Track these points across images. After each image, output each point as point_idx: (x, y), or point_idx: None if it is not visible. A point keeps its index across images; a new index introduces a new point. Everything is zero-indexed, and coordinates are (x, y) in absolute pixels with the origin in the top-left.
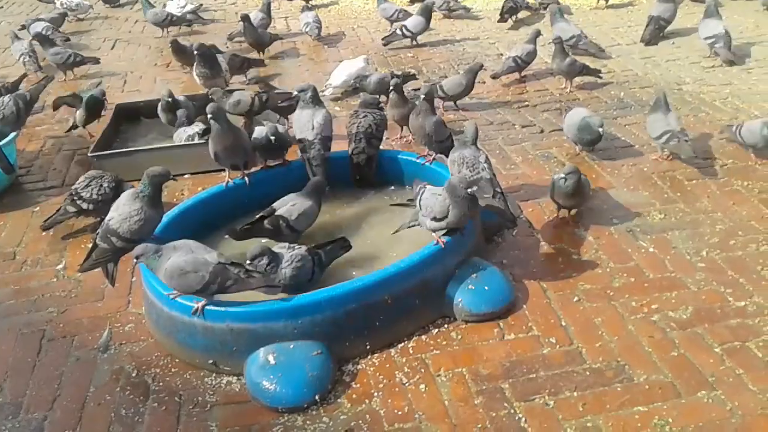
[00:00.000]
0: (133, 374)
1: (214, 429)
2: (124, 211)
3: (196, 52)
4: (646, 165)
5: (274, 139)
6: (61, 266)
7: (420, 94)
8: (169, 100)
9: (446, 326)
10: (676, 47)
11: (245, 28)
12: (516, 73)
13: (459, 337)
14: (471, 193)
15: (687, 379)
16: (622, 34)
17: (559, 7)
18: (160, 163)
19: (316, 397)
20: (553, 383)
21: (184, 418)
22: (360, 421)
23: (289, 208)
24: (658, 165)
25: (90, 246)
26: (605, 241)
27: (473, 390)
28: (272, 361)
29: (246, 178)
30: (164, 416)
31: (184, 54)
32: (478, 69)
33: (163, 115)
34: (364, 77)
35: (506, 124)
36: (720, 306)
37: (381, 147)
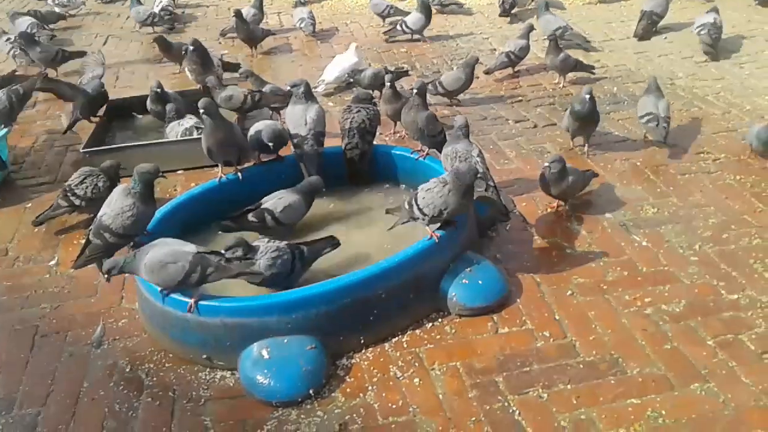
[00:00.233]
0: (127, 369)
1: (208, 424)
2: (116, 207)
3: (190, 47)
4: (639, 159)
5: (272, 144)
6: (53, 262)
7: (416, 91)
8: (158, 90)
9: (440, 320)
10: (669, 42)
11: (237, 24)
12: (509, 68)
13: (453, 331)
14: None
15: (680, 372)
16: (615, 29)
17: (546, 1)
18: (153, 158)
19: (311, 392)
20: (546, 376)
21: (178, 413)
22: (354, 415)
23: (276, 202)
24: (651, 159)
25: (83, 242)
26: (599, 235)
27: (467, 383)
28: (266, 356)
29: (239, 174)
30: (158, 411)
31: (170, 51)
32: (474, 62)
33: (152, 107)
34: (358, 71)
35: (500, 119)
36: (713, 299)
37: (374, 142)
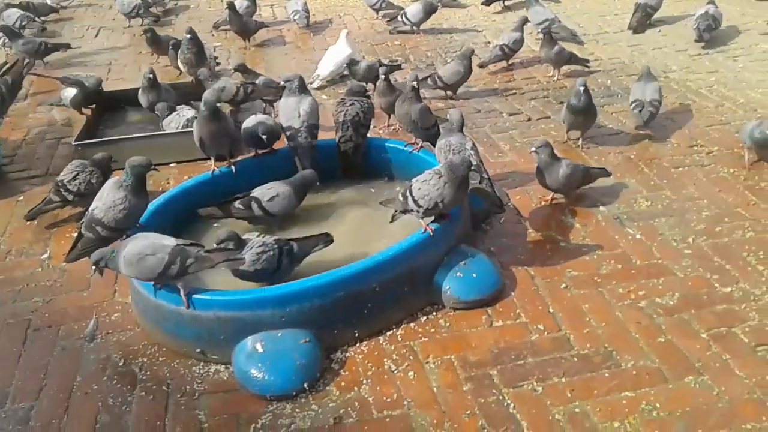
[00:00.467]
0: (120, 363)
1: (202, 418)
2: (108, 201)
3: (187, 36)
4: (633, 152)
5: (266, 138)
6: (46, 256)
7: (410, 82)
8: (151, 77)
9: (435, 314)
10: (663, 35)
11: (230, 16)
12: (503, 62)
13: (447, 324)
14: (467, 173)
15: (674, 365)
16: (609, 21)
17: None
18: (146, 151)
19: (305, 385)
20: (541, 369)
21: (172, 407)
22: (349, 409)
23: (264, 191)
24: (645, 152)
25: (75, 235)
26: (592, 228)
27: (462, 377)
28: (260, 350)
29: (232, 167)
30: (152, 405)
31: (159, 44)
32: (470, 54)
33: (144, 98)
34: (354, 62)
35: (494, 112)
36: (706, 292)
37: (368, 135)
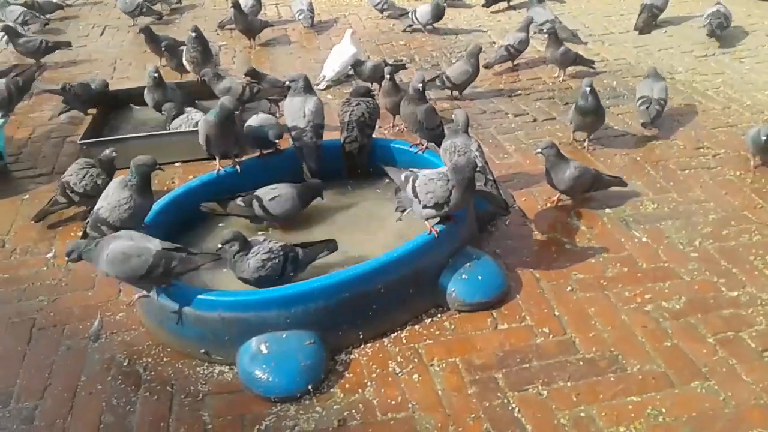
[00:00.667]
0: (125, 363)
1: (206, 419)
2: (113, 200)
3: (192, 34)
4: (639, 154)
5: (278, 143)
6: (51, 255)
7: (416, 84)
8: (156, 75)
9: (439, 316)
10: (669, 36)
11: (235, 15)
12: (509, 62)
13: (452, 326)
14: (472, 175)
15: (680, 369)
16: (615, 22)
17: None
18: (151, 150)
19: (309, 387)
20: (546, 373)
21: (177, 407)
22: (353, 411)
23: (267, 190)
24: (651, 154)
25: (80, 234)
26: (598, 230)
27: (466, 380)
28: (265, 351)
29: (237, 167)
30: (156, 406)
31: (156, 44)
32: (478, 51)
33: (149, 97)
34: (359, 63)
35: (499, 113)
36: (713, 296)
37: (373, 135)
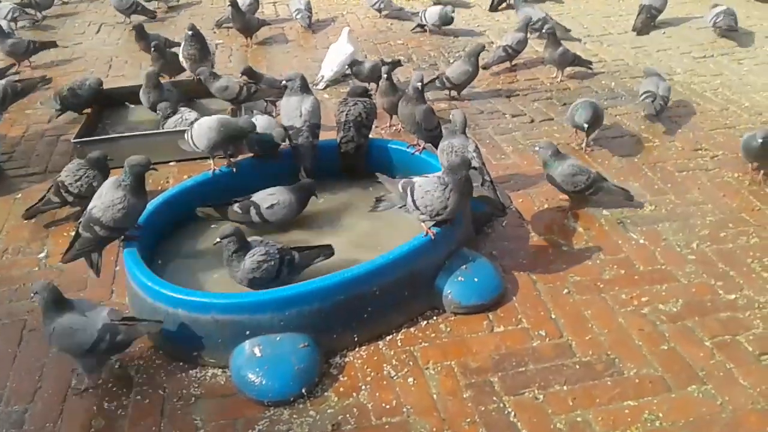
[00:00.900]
0: (116, 366)
1: (198, 423)
2: (106, 200)
3: (189, 32)
4: (636, 156)
5: (286, 143)
6: (43, 255)
7: (415, 83)
8: (153, 75)
9: (435, 318)
10: (667, 37)
11: (233, 13)
12: (506, 62)
13: (448, 329)
14: (468, 174)
15: (677, 373)
16: (614, 23)
17: None
18: (145, 149)
19: (303, 391)
20: (542, 377)
21: (168, 411)
22: (347, 415)
23: (265, 196)
24: (648, 155)
25: (73, 234)
26: (595, 232)
27: (462, 383)
28: (258, 354)
29: (233, 167)
30: (148, 409)
31: (146, 42)
32: (480, 50)
33: (145, 97)
34: (358, 63)
35: (496, 113)
36: (710, 299)
37: (370, 136)
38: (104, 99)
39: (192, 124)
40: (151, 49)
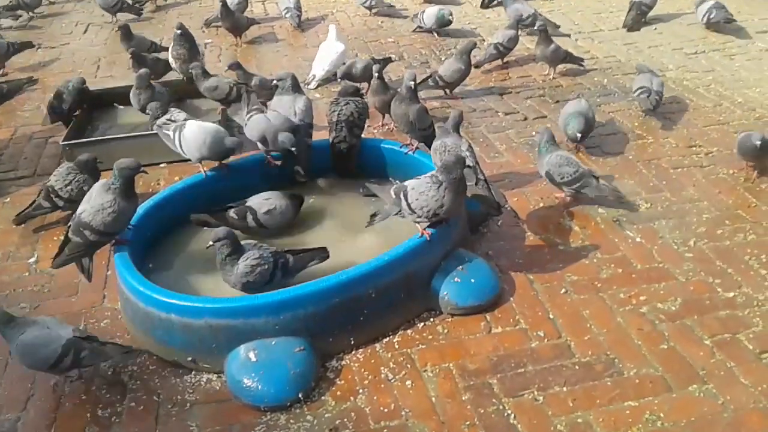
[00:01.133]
0: (109, 373)
1: (194, 429)
2: (95, 204)
3: (178, 31)
4: (631, 153)
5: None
6: (33, 260)
7: (408, 82)
8: (144, 76)
9: (432, 320)
10: (658, 33)
11: (222, 12)
12: (498, 60)
13: (445, 330)
14: (462, 172)
15: (677, 373)
16: (605, 19)
17: None
18: (135, 151)
19: (300, 395)
20: (542, 378)
21: (163, 417)
22: (345, 419)
23: (261, 202)
24: (643, 153)
25: (62, 239)
26: (591, 231)
27: (461, 385)
28: (253, 358)
29: (225, 169)
30: (142, 416)
31: (131, 42)
32: (471, 48)
33: (135, 99)
34: (350, 67)
35: (489, 111)
36: (709, 297)
37: (362, 135)
38: (93, 100)
39: (179, 125)
40: (137, 52)
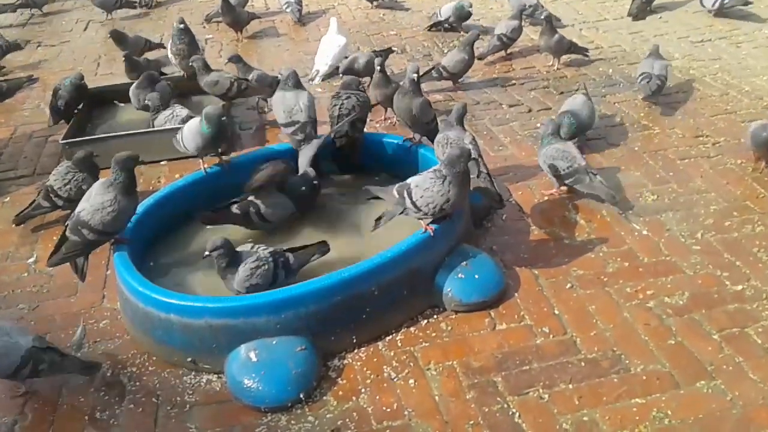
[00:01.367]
0: (108, 374)
1: (193, 430)
2: (95, 202)
3: (180, 26)
4: (636, 144)
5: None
6: (32, 260)
7: (411, 75)
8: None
9: (435, 317)
10: (664, 22)
11: (223, 7)
12: (502, 51)
13: (449, 328)
14: (466, 166)
15: (685, 369)
16: (609, 8)
17: None
18: (136, 149)
19: (301, 395)
20: (547, 375)
21: (163, 419)
22: (347, 420)
23: (264, 196)
24: (649, 143)
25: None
26: (597, 224)
27: (465, 384)
28: (254, 359)
29: (226, 165)
30: (141, 418)
31: (125, 45)
32: (475, 38)
33: (136, 99)
34: (354, 61)
35: (493, 103)
36: (717, 290)
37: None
38: (93, 98)
39: (183, 122)
40: (130, 55)
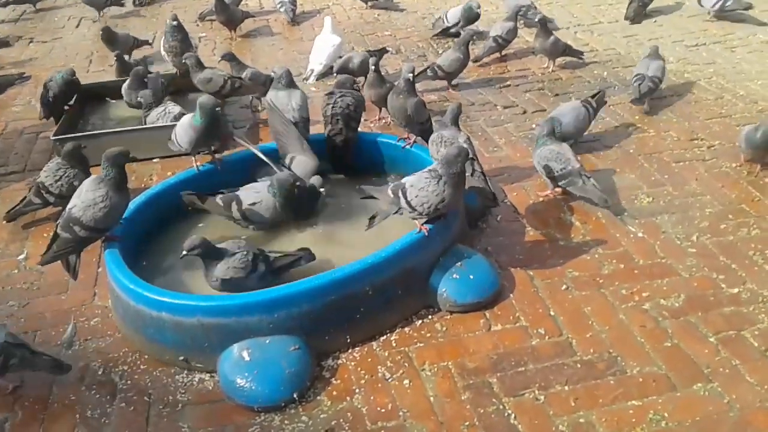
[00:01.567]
0: (99, 372)
1: (186, 430)
2: (87, 198)
3: (174, 23)
4: (632, 146)
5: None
6: (22, 256)
7: (406, 75)
8: (141, 71)
9: (430, 317)
10: (659, 25)
11: (217, 5)
12: (497, 53)
13: (444, 328)
14: (463, 166)
15: (681, 371)
16: (604, 11)
17: None
18: (128, 146)
19: (294, 395)
20: (543, 377)
21: (154, 418)
22: (341, 420)
23: (251, 194)
24: (644, 146)
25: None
26: (592, 226)
27: (460, 385)
28: (247, 358)
29: (217, 164)
30: (133, 417)
31: (115, 44)
32: (470, 38)
33: (127, 95)
34: (348, 61)
35: (488, 104)
36: (713, 293)
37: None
38: (84, 94)
39: (175, 119)
40: (121, 55)
